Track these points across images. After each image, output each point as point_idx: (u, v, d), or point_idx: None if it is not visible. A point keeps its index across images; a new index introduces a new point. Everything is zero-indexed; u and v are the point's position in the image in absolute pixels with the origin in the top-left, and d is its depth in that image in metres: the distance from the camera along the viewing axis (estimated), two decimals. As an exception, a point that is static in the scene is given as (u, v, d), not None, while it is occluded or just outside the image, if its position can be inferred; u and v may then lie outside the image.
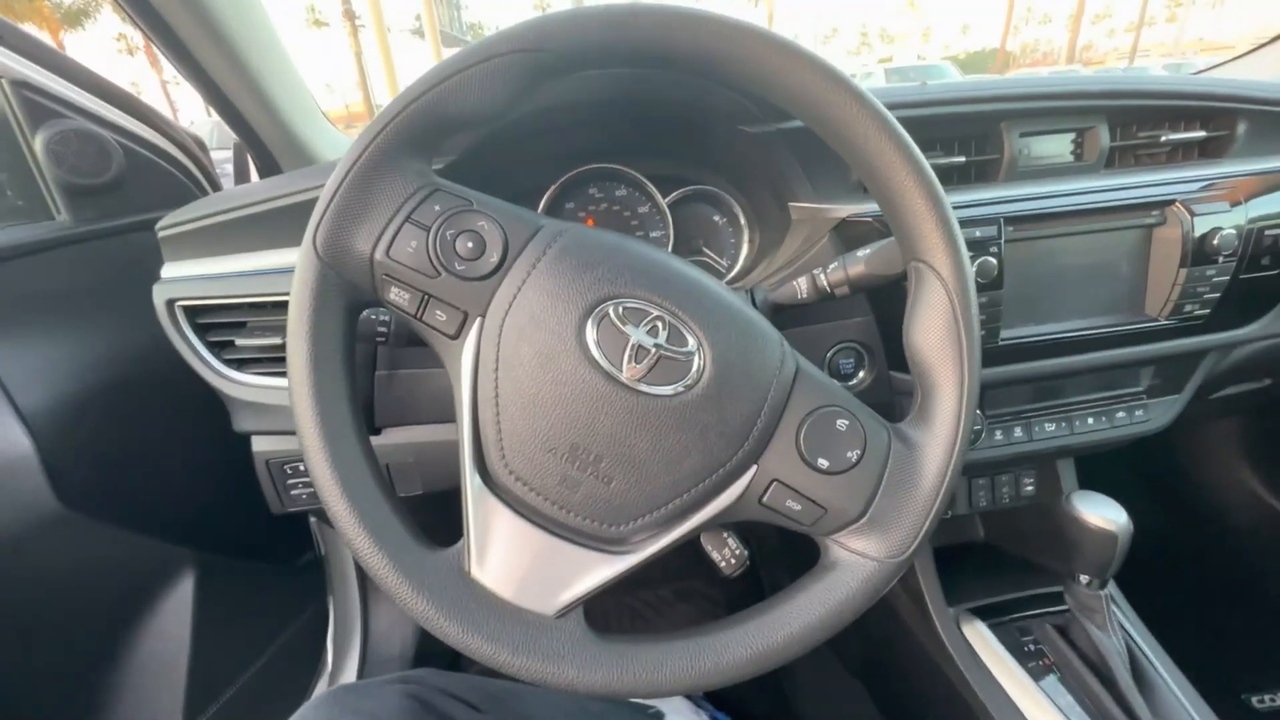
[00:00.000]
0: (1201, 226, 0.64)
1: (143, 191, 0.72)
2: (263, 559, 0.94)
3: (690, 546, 0.44)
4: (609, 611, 0.43)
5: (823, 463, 0.39)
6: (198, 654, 0.78)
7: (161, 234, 0.61)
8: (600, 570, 0.40)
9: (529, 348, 0.39)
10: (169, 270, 0.62)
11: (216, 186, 0.81)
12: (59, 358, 0.64)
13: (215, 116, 0.77)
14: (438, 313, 0.40)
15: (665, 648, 0.39)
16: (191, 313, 0.61)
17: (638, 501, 0.39)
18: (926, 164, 0.40)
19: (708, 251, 0.74)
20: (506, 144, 0.62)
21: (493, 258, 0.40)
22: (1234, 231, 0.64)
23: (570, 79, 0.42)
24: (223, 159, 0.90)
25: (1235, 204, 0.66)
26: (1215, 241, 0.64)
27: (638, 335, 0.39)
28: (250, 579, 0.89)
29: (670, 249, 0.71)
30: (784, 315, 0.53)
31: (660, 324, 0.39)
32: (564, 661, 0.38)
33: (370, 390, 0.60)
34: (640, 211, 0.72)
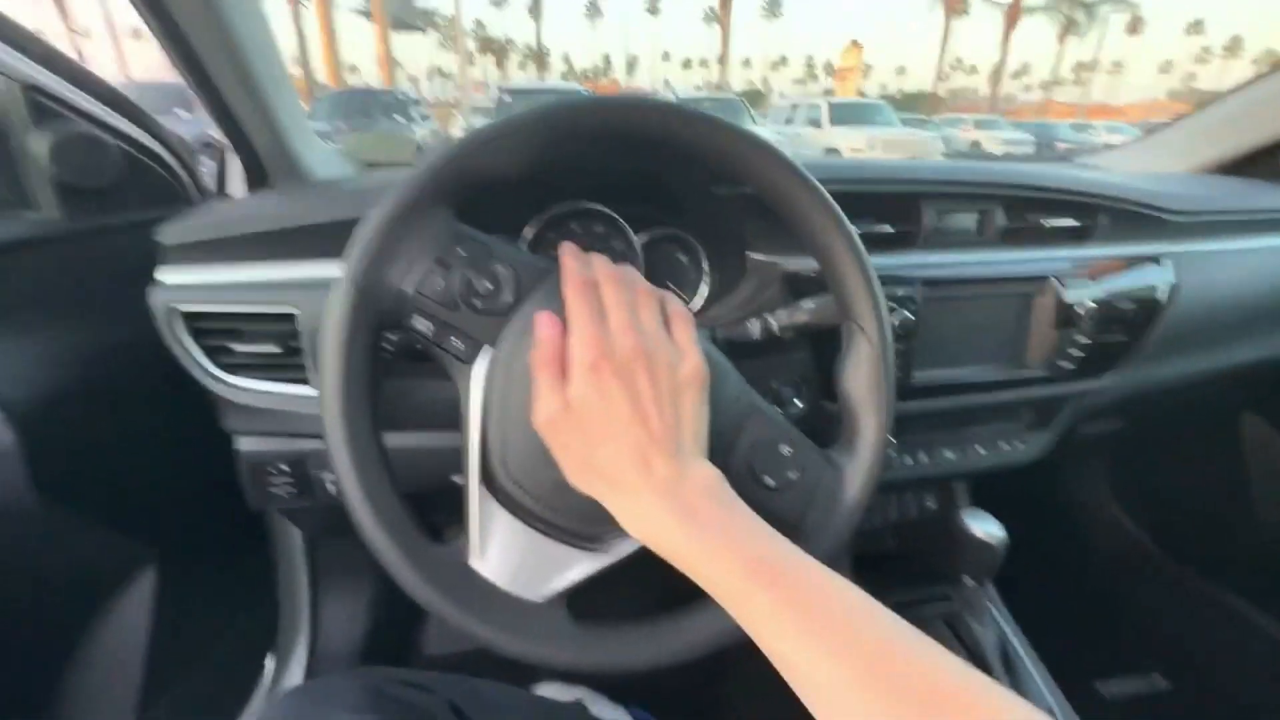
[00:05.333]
0: (1068, 298, 0.77)
1: (134, 193, 0.73)
2: (220, 556, 0.94)
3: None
4: (596, 602, 0.50)
5: (768, 480, 0.47)
6: (154, 646, 0.78)
7: (166, 241, 0.63)
8: (581, 565, 0.46)
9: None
10: (168, 276, 0.64)
11: (202, 189, 0.82)
12: (43, 352, 0.64)
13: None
14: (454, 340, 0.45)
15: (633, 631, 0.45)
16: (190, 318, 0.63)
17: None
18: (863, 247, 0.49)
19: (671, 286, 0.82)
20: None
21: (507, 297, 0.46)
22: (1093, 304, 0.78)
23: None
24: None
25: (1094, 280, 0.79)
26: (1078, 310, 0.77)
27: None
28: (207, 575, 0.90)
29: None
30: (736, 349, 0.62)
31: None
32: (548, 642, 0.43)
33: None
34: (615, 247, 0.78)
